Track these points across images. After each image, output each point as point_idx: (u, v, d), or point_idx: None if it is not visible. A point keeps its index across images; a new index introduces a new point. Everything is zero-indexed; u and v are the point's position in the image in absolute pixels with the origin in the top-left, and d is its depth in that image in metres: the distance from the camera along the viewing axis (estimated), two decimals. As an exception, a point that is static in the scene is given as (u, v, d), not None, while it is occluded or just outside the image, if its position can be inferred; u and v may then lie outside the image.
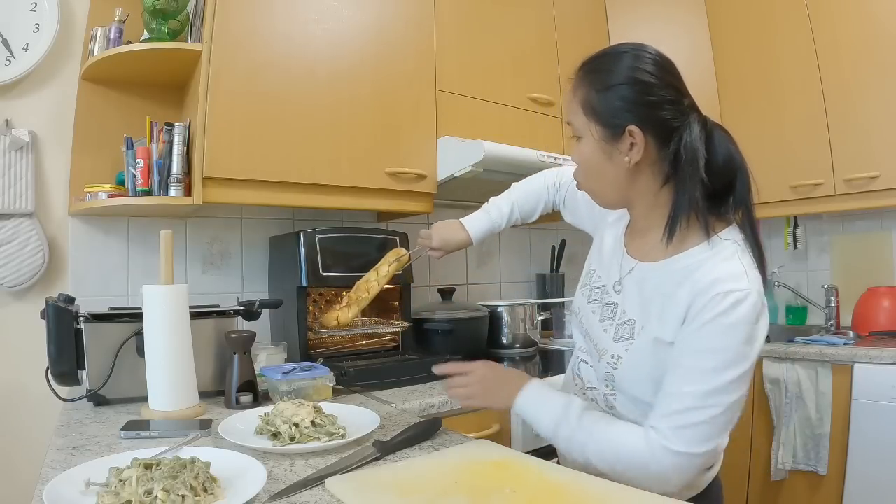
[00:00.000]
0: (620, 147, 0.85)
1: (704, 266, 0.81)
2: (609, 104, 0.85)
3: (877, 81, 2.05)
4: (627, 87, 0.84)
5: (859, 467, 1.82)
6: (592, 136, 0.87)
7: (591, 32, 2.36)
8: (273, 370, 1.30)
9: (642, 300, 0.88)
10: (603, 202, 0.95)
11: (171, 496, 0.67)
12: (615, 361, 0.89)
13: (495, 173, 1.81)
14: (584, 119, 0.88)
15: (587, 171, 0.91)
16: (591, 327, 0.97)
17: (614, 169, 0.87)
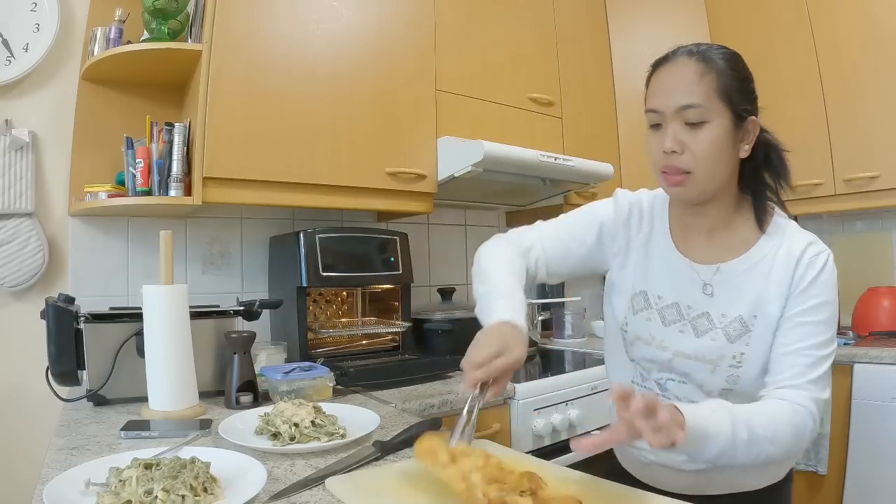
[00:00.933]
0: (739, 135, 0.89)
1: (789, 241, 0.90)
2: (742, 94, 0.89)
3: (877, 81, 2.05)
4: (749, 80, 0.92)
5: (859, 467, 1.82)
6: (723, 119, 0.86)
7: (591, 32, 2.36)
8: (273, 370, 1.30)
9: (741, 295, 0.90)
10: (703, 192, 0.90)
11: (171, 496, 0.67)
12: (738, 360, 0.89)
13: (495, 173, 1.81)
14: (718, 104, 0.86)
15: (711, 158, 0.87)
16: (689, 349, 0.92)
17: (733, 157, 0.90)
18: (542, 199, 2.30)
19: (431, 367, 1.63)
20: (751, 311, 0.89)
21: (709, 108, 0.85)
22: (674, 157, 0.87)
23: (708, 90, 0.85)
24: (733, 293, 0.90)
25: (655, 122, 0.89)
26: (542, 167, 1.84)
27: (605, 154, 2.27)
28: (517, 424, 1.52)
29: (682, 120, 0.86)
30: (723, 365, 0.90)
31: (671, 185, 0.90)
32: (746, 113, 0.88)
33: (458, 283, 2.29)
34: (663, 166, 0.89)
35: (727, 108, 0.86)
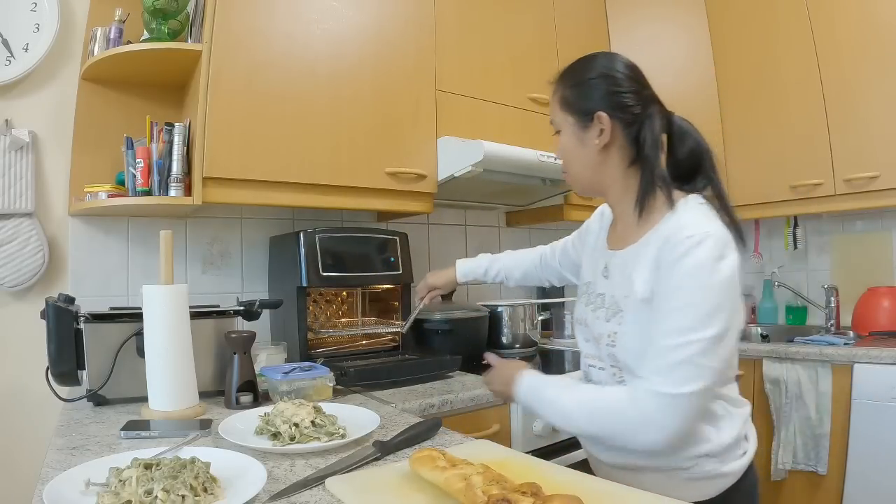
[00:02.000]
0: (591, 132, 0.98)
1: (669, 221, 0.91)
2: (580, 95, 0.99)
3: (877, 81, 2.05)
4: (597, 80, 0.98)
5: (859, 467, 1.82)
6: (568, 126, 1.01)
7: (591, 32, 2.36)
8: (273, 370, 1.30)
9: (624, 278, 0.96)
10: (580, 187, 1.05)
11: (171, 496, 0.67)
12: (612, 339, 0.95)
13: (495, 173, 1.81)
14: (561, 113, 1.02)
15: (566, 158, 1.03)
16: (591, 324, 1.02)
17: (587, 153, 0.99)
18: (542, 199, 2.30)
19: (431, 367, 1.63)
20: (623, 291, 0.95)
21: (557, 120, 1.03)
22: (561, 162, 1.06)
23: (555, 106, 1.03)
24: (620, 276, 0.97)
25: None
26: (542, 167, 1.84)
27: (605, 154, 2.26)
28: (517, 424, 1.52)
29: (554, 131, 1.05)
30: (602, 343, 0.98)
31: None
32: (589, 110, 0.97)
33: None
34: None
35: (568, 114, 1.00)
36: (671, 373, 0.82)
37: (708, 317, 0.82)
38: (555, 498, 0.62)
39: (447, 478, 0.68)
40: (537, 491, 0.63)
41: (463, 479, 0.67)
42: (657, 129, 0.96)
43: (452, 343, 1.91)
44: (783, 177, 2.28)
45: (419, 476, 0.74)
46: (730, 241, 0.87)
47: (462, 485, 0.66)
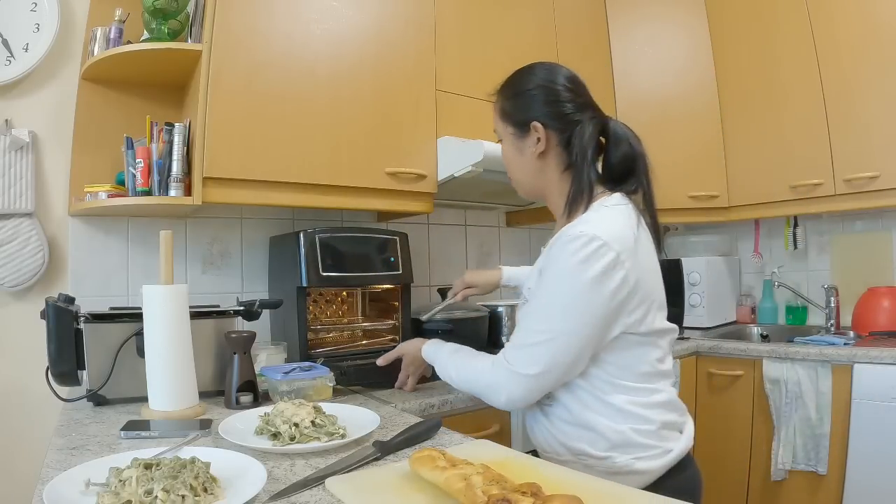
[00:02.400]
0: (528, 141, 1.05)
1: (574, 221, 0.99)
2: (517, 106, 1.07)
3: (877, 81, 2.05)
4: (532, 91, 1.05)
5: (859, 467, 1.82)
6: (507, 135, 1.09)
7: (591, 32, 2.36)
8: (273, 370, 1.30)
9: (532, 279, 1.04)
10: (523, 191, 1.12)
11: (171, 496, 0.67)
12: (512, 331, 1.05)
13: (495, 173, 1.81)
14: (501, 124, 1.10)
15: (508, 166, 1.11)
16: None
17: (526, 160, 1.07)
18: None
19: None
20: (526, 293, 1.05)
21: (498, 129, 1.12)
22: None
23: (496, 116, 1.12)
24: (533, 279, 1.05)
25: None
26: (542, 167, 1.84)
27: (605, 154, 2.26)
28: (517, 424, 1.52)
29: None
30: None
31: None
32: (526, 120, 1.05)
33: (458, 283, 2.29)
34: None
35: (507, 124, 1.09)
36: (519, 352, 0.95)
37: (561, 313, 0.92)
38: (555, 498, 0.62)
39: (447, 478, 0.68)
40: (537, 491, 0.63)
41: (463, 479, 0.67)
42: (587, 135, 1.02)
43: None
44: (783, 177, 2.28)
45: (419, 476, 0.74)
46: (614, 244, 0.91)
47: (462, 485, 0.66)
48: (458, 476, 0.68)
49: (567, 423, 0.99)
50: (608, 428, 0.95)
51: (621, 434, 0.95)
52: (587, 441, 0.97)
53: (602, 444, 0.96)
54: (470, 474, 0.68)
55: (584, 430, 0.97)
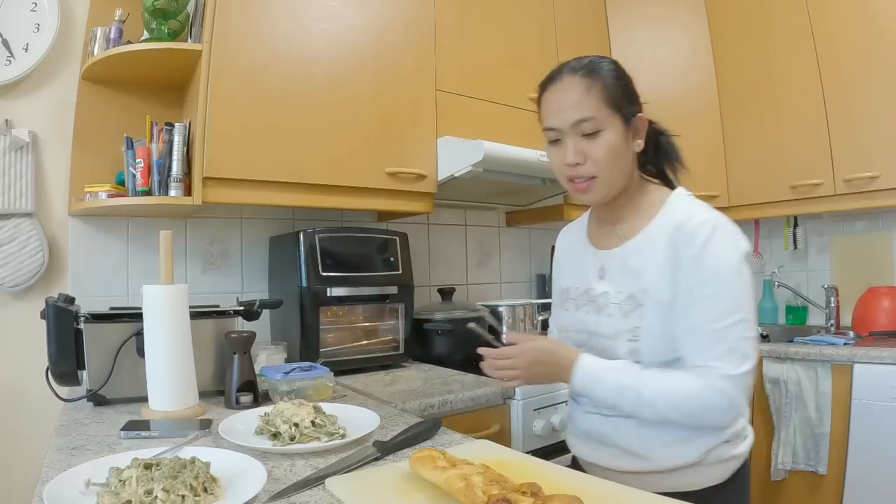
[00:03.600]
0: (631, 134, 0.97)
1: (674, 213, 0.94)
2: (626, 98, 0.96)
3: (877, 81, 2.05)
4: (630, 83, 0.98)
5: (859, 467, 1.82)
6: (615, 126, 0.94)
7: (591, 32, 2.36)
8: (273, 370, 1.30)
9: (633, 272, 0.96)
10: (609, 191, 0.98)
11: (171, 496, 0.67)
12: (635, 333, 0.93)
13: (495, 173, 1.81)
14: (607, 111, 0.94)
15: (611, 160, 0.95)
16: (594, 326, 1.01)
17: (629, 155, 0.97)
18: (542, 199, 2.30)
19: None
20: (641, 286, 0.94)
21: (600, 119, 0.93)
22: (578, 167, 0.96)
23: (597, 102, 0.94)
24: (627, 271, 0.97)
25: (554, 139, 0.99)
26: (542, 167, 1.84)
27: (605, 154, 2.26)
28: (517, 425, 1.52)
29: (578, 133, 0.95)
30: (621, 339, 0.95)
31: (579, 192, 0.98)
32: (632, 113, 0.96)
33: (458, 283, 2.29)
34: (569, 176, 0.98)
35: (616, 114, 0.94)
36: (728, 356, 0.86)
37: (740, 298, 0.87)
38: (555, 498, 0.62)
39: (447, 478, 0.68)
40: (537, 491, 0.63)
41: (463, 479, 0.67)
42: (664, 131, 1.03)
43: (453, 343, 1.91)
44: (783, 177, 2.28)
45: (419, 476, 0.74)
46: (733, 224, 0.91)
47: (462, 485, 0.66)
48: (458, 476, 0.68)
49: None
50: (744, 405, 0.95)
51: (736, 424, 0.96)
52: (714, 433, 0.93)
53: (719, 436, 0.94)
54: (470, 474, 0.68)
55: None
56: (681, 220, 0.91)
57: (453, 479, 0.68)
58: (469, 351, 1.89)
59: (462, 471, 0.69)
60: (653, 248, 0.94)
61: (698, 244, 0.88)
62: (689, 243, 0.89)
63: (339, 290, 1.65)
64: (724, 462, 0.94)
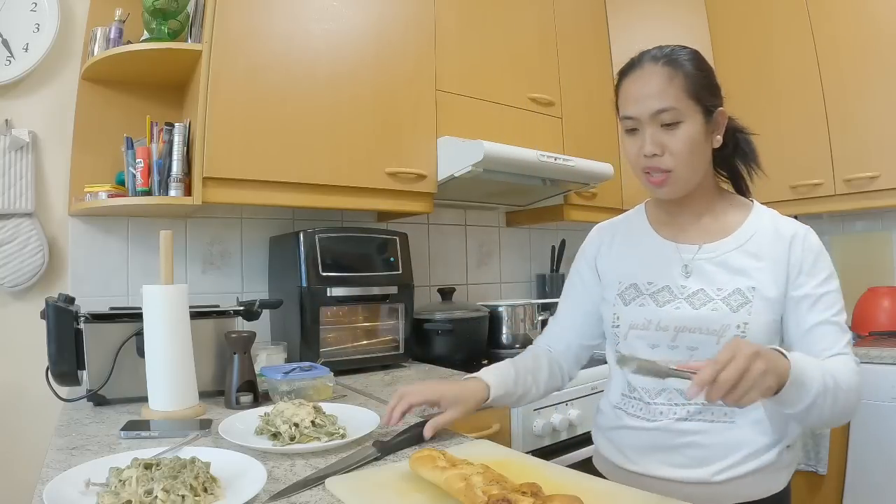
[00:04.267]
0: (710, 128, 0.94)
1: (775, 222, 0.96)
2: (708, 90, 0.93)
3: (877, 81, 2.05)
4: (712, 75, 0.95)
5: (859, 467, 1.82)
6: (696, 118, 0.91)
7: (592, 32, 2.36)
8: (273, 370, 1.30)
9: (734, 270, 0.94)
10: (685, 186, 0.95)
11: (171, 496, 0.67)
12: (742, 330, 0.91)
13: (495, 173, 1.81)
14: (689, 103, 0.91)
15: (690, 153, 0.92)
16: (692, 322, 0.94)
17: (707, 150, 0.95)
18: (542, 200, 2.30)
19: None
20: (747, 283, 0.93)
21: (681, 110, 0.90)
22: (655, 159, 0.92)
23: (678, 92, 0.90)
24: (724, 268, 0.95)
25: (632, 128, 0.95)
26: (542, 167, 1.84)
27: (605, 154, 2.27)
28: (517, 424, 1.52)
29: (657, 123, 0.91)
30: (728, 335, 0.91)
31: (656, 185, 0.95)
32: (714, 106, 0.93)
33: (458, 283, 2.30)
34: (645, 167, 0.94)
35: (697, 106, 0.91)
36: (850, 347, 0.90)
37: (841, 301, 0.93)
38: (555, 498, 0.62)
39: (447, 478, 0.68)
40: (537, 491, 0.63)
41: (463, 479, 0.67)
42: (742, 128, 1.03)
43: (453, 343, 1.91)
44: (783, 177, 2.27)
45: (419, 476, 0.74)
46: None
47: (462, 485, 0.66)
48: (458, 476, 0.68)
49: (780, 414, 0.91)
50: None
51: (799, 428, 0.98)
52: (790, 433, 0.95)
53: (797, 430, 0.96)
54: (470, 474, 0.68)
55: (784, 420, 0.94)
56: (791, 229, 0.94)
57: (453, 479, 0.68)
58: (470, 352, 1.90)
59: (462, 471, 0.69)
60: (758, 248, 0.94)
61: (815, 250, 0.93)
62: (806, 251, 0.93)
63: (339, 290, 1.65)
64: (787, 467, 0.96)
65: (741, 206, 1.00)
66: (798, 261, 0.92)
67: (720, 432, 0.92)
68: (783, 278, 0.92)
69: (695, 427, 0.93)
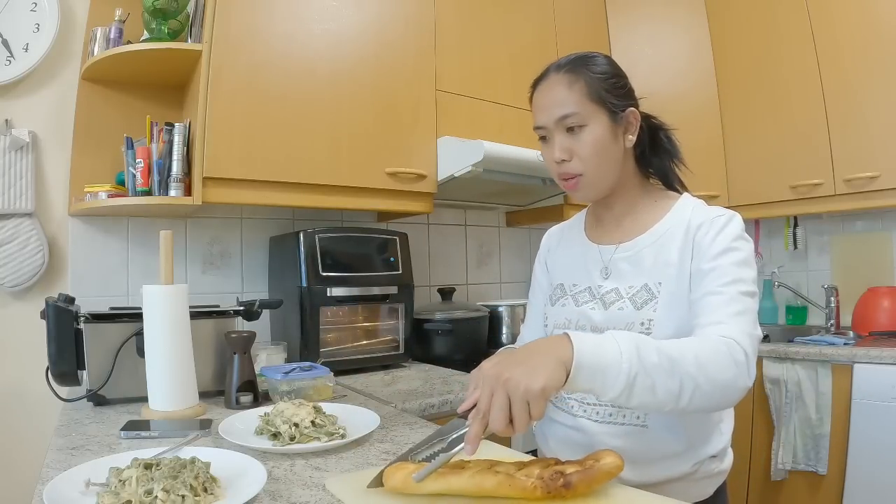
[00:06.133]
0: (620, 129, 0.95)
1: (693, 213, 0.94)
2: (611, 91, 0.94)
3: (877, 81, 2.05)
4: (619, 77, 0.97)
5: (859, 467, 1.82)
6: (600, 121, 0.93)
7: (591, 32, 2.36)
8: (273, 370, 1.30)
9: (645, 266, 0.95)
10: (599, 188, 0.97)
11: (171, 496, 0.67)
12: (647, 327, 0.91)
13: (495, 173, 1.81)
14: (591, 106, 0.92)
15: (597, 156, 0.93)
16: (602, 321, 0.96)
17: (618, 151, 0.95)
18: (542, 199, 2.30)
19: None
20: (655, 278, 0.93)
21: (583, 113, 0.92)
22: (564, 164, 0.95)
23: (579, 97, 0.92)
24: (637, 266, 0.95)
25: (542, 136, 0.98)
26: (542, 167, 1.83)
27: (605, 154, 2.26)
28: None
29: (563, 129, 0.94)
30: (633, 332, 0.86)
31: (569, 189, 0.98)
32: (621, 107, 0.94)
33: (458, 283, 2.30)
34: (557, 174, 0.97)
35: (601, 108, 0.93)
36: (744, 315, 0.83)
37: (752, 277, 0.87)
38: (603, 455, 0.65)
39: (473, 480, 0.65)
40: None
41: (493, 474, 0.65)
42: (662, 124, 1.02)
43: (453, 343, 1.91)
44: (783, 177, 2.28)
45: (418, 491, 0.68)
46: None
47: (495, 480, 0.64)
48: (481, 473, 0.65)
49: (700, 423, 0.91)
50: (721, 430, 0.94)
51: (726, 437, 0.95)
52: (714, 442, 0.92)
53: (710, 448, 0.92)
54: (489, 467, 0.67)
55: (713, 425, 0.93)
56: (704, 216, 0.92)
57: (480, 478, 0.65)
58: (470, 351, 1.90)
59: (480, 466, 0.68)
60: (669, 242, 0.93)
61: (716, 228, 0.90)
62: (706, 231, 0.90)
63: (339, 290, 1.65)
64: (710, 477, 0.94)
65: (666, 202, 0.99)
66: (699, 243, 0.90)
67: (634, 435, 0.90)
68: (688, 269, 0.90)
69: (608, 430, 0.92)
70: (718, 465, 0.94)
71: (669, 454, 0.90)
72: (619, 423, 0.92)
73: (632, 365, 0.70)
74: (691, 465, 0.90)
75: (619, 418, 0.92)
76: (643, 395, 0.72)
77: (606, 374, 0.70)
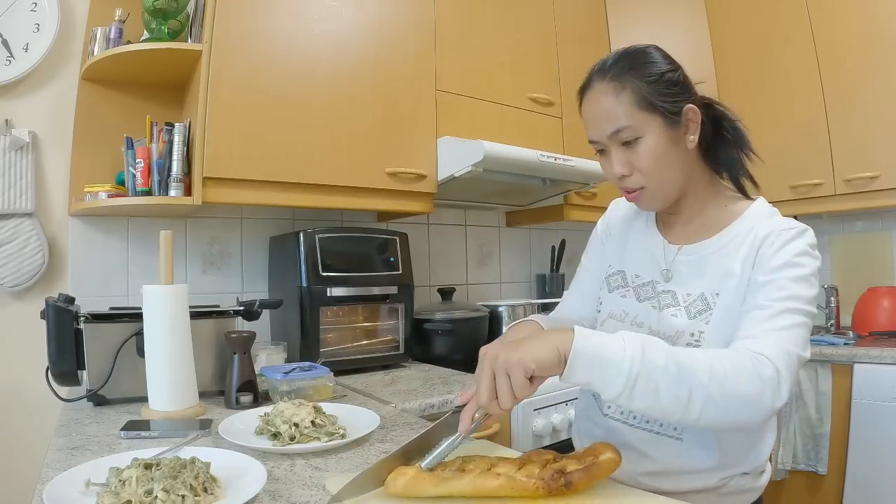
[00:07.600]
0: (680, 132, 0.87)
1: (762, 222, 0.87)
2: (663, 93, 0.86)
3: (877, 82, 2.05)
4: (670, 73, 0.87)
5: (859, 467, 1.82)
6: (656, 129, 0.86)
7: (591, 32, 2.36)
8: (273, 370, 1.30)
9: (706, 274, 0.89)
10: (664, 198, 0.91)
11: (171, 496, 0.67)
12: (696, 338, 0.87)
13: (495, 173, 1.81)
14: (643, 115, 0.85)
15: (657, 166, 0.87)
16: (656, 322, 0.92)
17: (680, 155, 0.88)
18: (542, 200, 2.30)
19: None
20: (713, 289, 0.87)
21: (636, 125, 0.85)
22: (625, 179, 0.90)
23: (629, 107, 0.85)
24: (698, 271, 0.90)
25: (599, 149, 0.92)
26: (542, 167, 1.84)
27: (605, 154, 2.26)
28: (517, 424, 1.52)
29: (618, 142, 0.87)
30: (680, 343, 0.87)
31: (634, 201, 0.93)
32: (676, 110, 0.86)
33: (458, 283, 2.30)
34: (619, 187, 0.93)
35: (654, 114, 0.85)
36: (788, 331, 0.77)
37: (809, 297, 0.81)
38: (600, 449, 0.67)
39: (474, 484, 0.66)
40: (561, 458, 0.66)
41: (494, 475, 0.66)
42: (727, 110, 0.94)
43: (453, 343, 1.91)
44: (783, 177, 2.28)
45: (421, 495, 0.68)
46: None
47: (498, 482, 0.65)
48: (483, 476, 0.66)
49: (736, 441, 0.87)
50: (760, 448, 0.89)
51: (764, 454, 0.91)
52: (750, 461, 0.88)
53: (759, 460, 0.89)
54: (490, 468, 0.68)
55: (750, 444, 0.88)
56: (774, 227, 0.85)
57: (483, 480, 0.66)
58: (470, 351, 1.90)
59: (480, 467, 0.68)
60: (734, 251, 0.87)
61: (782, 241, 0.83)
62: (772, 243, 0.83)
63: (339, 290, 1.65)
64: (741, 493, 0.90)
65: (737, 206, 0.93)
66: (762, 255, 0.84)
67: (667, 445, 0.88)
68: (749, 276, 0.84)
69: (641, 435, 0.90)
70: (751, 482, 0.90)
71: (701, 469, 0.87)
72: (655, 432, 0.89)
73: (633, 363, 0.69)
74: (718, 480, 0.87)
75: (656, 426, 0.89)
76: (646, 397, 0.70)
77: (606, 370, 0.69)
